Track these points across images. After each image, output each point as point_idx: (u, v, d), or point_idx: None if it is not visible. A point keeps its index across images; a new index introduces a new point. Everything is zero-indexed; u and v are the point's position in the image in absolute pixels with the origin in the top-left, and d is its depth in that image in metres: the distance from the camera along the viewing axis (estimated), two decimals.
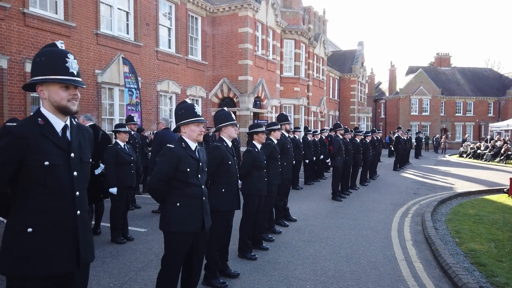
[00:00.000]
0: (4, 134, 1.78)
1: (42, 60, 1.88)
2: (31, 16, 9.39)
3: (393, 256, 5.21)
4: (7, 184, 1.82)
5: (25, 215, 1.81)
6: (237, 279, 4.19)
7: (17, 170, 1.80)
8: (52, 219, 1.84)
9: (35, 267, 1.80)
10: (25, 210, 1.82)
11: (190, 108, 3.09)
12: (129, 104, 11.13)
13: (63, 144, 1.90)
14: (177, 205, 2.95)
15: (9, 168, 1.78)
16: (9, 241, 1.82)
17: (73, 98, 1.92)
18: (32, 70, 1.93)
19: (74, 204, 1.92)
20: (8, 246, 1.82)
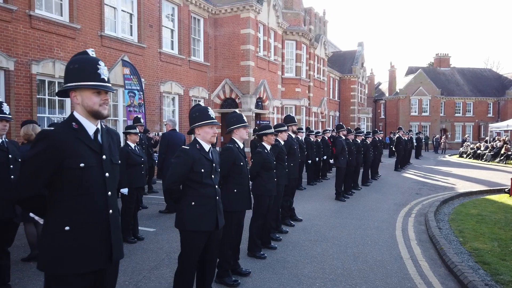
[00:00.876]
0: (42, 138, 1.87)
1: (75, 68, 1.98)
2: (37, 18, 9.47)
3: (398, 255, 5.31)
4: (45, 186, 1.91)
5: (62, 215, 1.91)
6: (248, 277, 4.29)
7: (54, 172, 1.89)
8: (87, 218, 1.93)
9: (73, 264, 1.90)
10: (61, 210, 1.92)
11: (204, 110, 3.19)
12: (129, 106, 11.21)
13: (95, 147, 2.00)
14: (192, 205, 3.05)
15: (47, 171, 1.87)
16: (48, 240, 1.92)
17: (104, 103, 2.03)
18: (65, 77, 2.03)
19: (107, 203, 2.02)
20: (46, 244, 1.92)
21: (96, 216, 1.96)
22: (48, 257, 1.90)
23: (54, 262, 1.89)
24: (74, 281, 1.92)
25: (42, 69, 9.62)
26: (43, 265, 1.92)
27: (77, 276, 1.92)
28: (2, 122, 3.36)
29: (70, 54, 10.43)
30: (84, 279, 1.95)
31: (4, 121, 3.37)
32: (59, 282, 1.91)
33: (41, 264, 1.93)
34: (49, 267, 1.91)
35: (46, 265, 1.91)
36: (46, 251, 1.92)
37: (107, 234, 2.01)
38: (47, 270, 1.92)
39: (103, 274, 2.05)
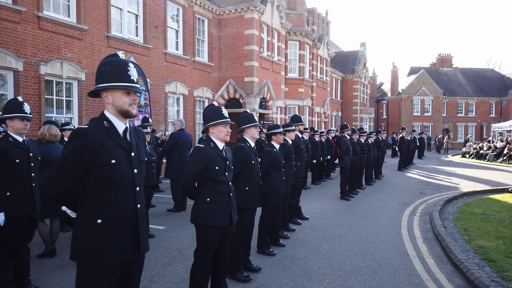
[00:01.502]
0: (77, 136, 1.98)
1: (107, 69, 2.08)
2: (45, 19, 9.59)
3: (405, 253, 5.40)
4: (79, 181, 2.01)
5: (94, 208, 2.01)
6: (259, 273, 4.39)
7: (87, 168, 2.00)
8: (117, 212, 2.04)
9: (105, 255, 2.00)
10: (94, 204, 2.02)
11: (218, 110, 3.29)
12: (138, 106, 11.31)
13: (125, 144, 2.11)
14: (207, 201, 3.16)
15: (81, 166, 1.98)
16: (81, 232, 2.02)
17: (133, 103, 2.13)
18: (97, 78, 2.13)
19: (136, 198, 2.12)
20: (80, 236, 2.02)
21: (125, 210, 2.06)
22: (81, 248, 2.01)
23: (87, 253, 1.99)
24: (105, 271, 2.02)
25: (50, 70, 9.74)
26: (76, 256, 2.02)
27: (108, 267, 2.02)
28: (23, 121, 3.46)
29: (78, 55, 10.56)
30: (114, 270, 2.05)
31: (25, 120, 3.47)
32: (91, 272, 2.01)
33: (74, 254, 2.03)
34: (82, 258, 2.01)
35: (79, 256, 2.01)
36: (79, 243, 2.02)
37: (135, 227, 2.11)
38: (80, 261, 2.02)
39: (131, 266, 2.15)
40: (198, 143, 3.30)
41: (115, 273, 2.07)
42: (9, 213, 3.34)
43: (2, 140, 3.41)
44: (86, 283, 2.02)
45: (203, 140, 3.28)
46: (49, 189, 2.02)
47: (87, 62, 10.85)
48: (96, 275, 2.01)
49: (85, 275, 2.02)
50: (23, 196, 3.44)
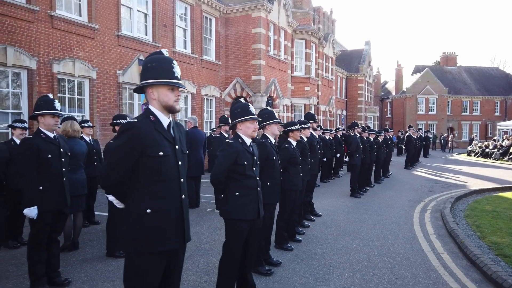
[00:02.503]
0: (128, 129, 2.07)
1: (153, 66, 2.16)
2: (57, 18, 9.69)
3: (420, 248, 5.47)
4: (129, 173, 2.10)
5: (143, 198, 2.10)
6: (279, 267, 4.48)
7: (137, 160, 2.08)
8: (165, 202, 2.13)
9: (153, 243, 2.09)
10: (142, 194, 2.11)
11: (246, 107, 3.38)
12: (145, 104, 11.42)
13: (170, 137, 2.20)
14: (237, 195, 3.24)
15: (132, 157, 2.06)
16: (130, 222, 2.11)
17: (177, 99, 2.21)
18: (142, 74, 2.21)
19: (181, 189, 2.21)
20: (129, 226, 2.11)
21: (172, 200, 2.15)
22: (131, 237, 2.10)
23: (136, 241, 2.08)
24: (153, 259, 2.11)
25: (63, 68, 9.84)
26: (125, 244, 2.11)
27: (155, 255, 2.11)
28: (54, 118, 3.56)
29: (89, 53, 10.66)
30: (161, 258, 2.14)
31: (56, 116, 3.57)
32: (140, 260, 2.10)
33: (124, 243, 2.12)
34: (131, 246, 2.10)
35: (129, 244, 2.10)
36: (128, 232, 2.11)
37: (181, 217, 2.20)
38: (129, 249, 2.11)
39: (175, 254, 2.24)
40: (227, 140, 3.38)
41: (163, 261, 2.16)
42: (41, 207, 3.43)
43: (34, 135, 3.51)
44: (135, 270, 2.10)
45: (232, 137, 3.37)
46: (102, 179, 2.10)
47: (98, 60, 10.96)
48: (145, 262, 2.09)
49: (135, 262, 2.10)
50: (54, 191, 3.54)
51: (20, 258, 4.62)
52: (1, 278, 3.95)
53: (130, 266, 2.12)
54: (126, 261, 2.15)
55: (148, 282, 2.12)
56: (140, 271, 2.10)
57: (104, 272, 4.21)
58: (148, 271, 2.11)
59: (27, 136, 3.51)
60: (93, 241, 5.38)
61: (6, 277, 3.99)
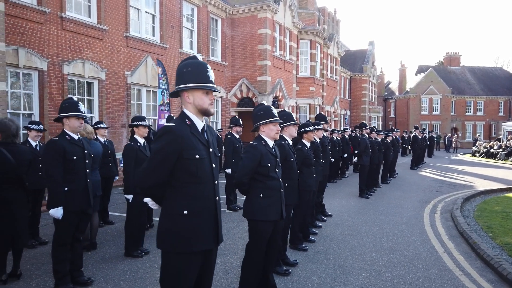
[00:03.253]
0: (166, 133, 2.12)
1: (188, 71, 2.22)
2: (68, 20, 9.77)
3: (433, 249, 5.51)
4: (168, 175, 2.15)
5: (180, 200, 2.15)
6: (296, 267, 4.52)
7: (175, 163, 2.14)
8: (201, 204, 2.18)
9: (190, 244, 2.14)
10: (180, 196, 2.16)
11: (269, 109, 3.43)
12: (162, 105, 11.47)
13: (204, 141, 2.25)
14: (260, 196, 3.29)
15: (170, 161, 2.12)
16: (168, 223, 2.16)
17: (212, 102, 2.27)
18: (178, 79, 2.26)
19: (215, 191, 2.27)
20: (166, 226, 2.16)
21: (207, 202, 2.21)
22: (169, 237, 2.15)
23: (174, 241, 2.14)
24: (189, 258, 2.16)
25: (73, 69, 9.92)
26: (163, 244, 2.17)
27: (192, 255, 2.16)
28: (79, 120, 3.61)
29: (98, 54, 10.74)
30: (197, 258, 2.19)
31: (81, 119, 3.62)
32: (177, 259, 2.15)
33: (162, 243, 2.18)
34: (169, 246, 2.15)
35: (167, 244, 2.16)
36: (166, 232, 2.16)
37: (215, 218, 2.25)
38: (167, 248, 2.16)
39: (209, 254, 2.29)
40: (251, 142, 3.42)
41: (198, 261, 2.21)
42: (66, 208, 3.49)
43: (60, 137, 3.56)
44: (172, 269, 2.16)
45: (255, 139, 3.42)
46: (141, 182, 2.16)
47: (107, 61, 11.03)
48: (182, 261, 2.15)
49: (172, 262, 2.16)
50: (79, 192, 3.59)
51: (39, 257, 4.69)
52: (25, 277, 4.01)
53: (168, 265, 2.18)
54: (164, 261, 2.20)
55: (185, 281, 2.17)
56: (177, 270, 2.15)
57: (125, 272, 4.27)
58: (185, 271, 2.16)
59: (53, 138, 3.56)
60: (109, 241, 5.45)
61: (29, 276, 4.05)
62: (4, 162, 3.57)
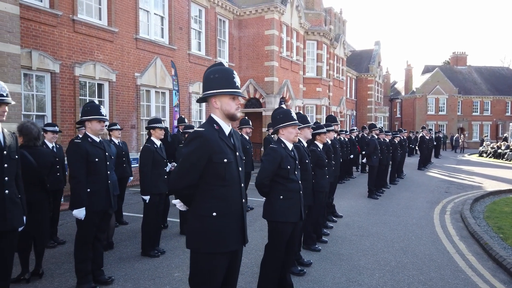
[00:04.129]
0: (197, 137, 2.20)
1: (216, 77, 2.29)
2: (79, 22, 9.89)
3: (445, 250, 5.54)
4: (198, 178, 2.23)
5: (209, 202, 2.23)
6: (310, 267, 4.59)
7: (204, 166, 2.21)
8: (229, 206, 2.25)
9: (219, 244, 2.22)
10: (208, 198, 2.23)
11: (288, 112, 3.50)
12: (176, 106, 11.58)
13: (231, 145, 2.32)
14: (280, 198, 3.36)
15: (201, 164, 2.19)
16: (197, 224, 2.24)
17: (238, 107, 2.34)
18: (205, 85, 2.34)
19: (241, 193, 2.34)
20: (196, 227, 2.24)
21: (234, 204, 2.28)
22: (198, 238, 2.23)
23: (203, 241, 2.21)
24: (218, 258, 2.23)
25: (84, 71, 10.04)
26: (192, 244, 2.24)
27: (220, 254, 2.23)
28: (100, 123, 3.71)
29: (109, 56, 10.86)
30: (224, 258, 2.27)
31: (102, 122, 3.72)
32: (206, 259, 2.22)
33: (191, 243, 2.25)
34: (198, 246, 2.23)
35: (196, 244, 2.23)
36: (196, 233, 2.24)
37: (242, 219, 2.33)
38: (196, 248, 2.24)
39: (235, 255, 2.36)
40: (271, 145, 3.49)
41: (226, 261, 2.28)
42: (89, 208, 3.58)
43: (82, 140, 3.66)
44: (201, 268, 2.23)
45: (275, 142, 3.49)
46: (173, 185, 2.24)
47: (117, 63, 11.15)
48: (211, 261, 2.22)
49: (201, 261, 2.23)
50: (101, 193, 3.68)
51: (59, 257, 4.79)
52: (46, 276, 4.11)
53: (196, 265, 2.25)
54: (192, 260, 2.28)
55: (213, 280, 2.24)
56: (206, 269, 2.23)
57: (143, 271, 4.35)
58: (213, 270, 2.23)
59: (76, 140, 3.65)
60: (125, 241, 5.54)
61: (50, 275, 4.15)
62: (27, 165, 3.66)
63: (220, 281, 2.28)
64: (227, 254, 2.27)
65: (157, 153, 4.76)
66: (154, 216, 4.79)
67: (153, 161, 4.70)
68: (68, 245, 5.27)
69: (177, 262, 4.66)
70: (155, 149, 4.77)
